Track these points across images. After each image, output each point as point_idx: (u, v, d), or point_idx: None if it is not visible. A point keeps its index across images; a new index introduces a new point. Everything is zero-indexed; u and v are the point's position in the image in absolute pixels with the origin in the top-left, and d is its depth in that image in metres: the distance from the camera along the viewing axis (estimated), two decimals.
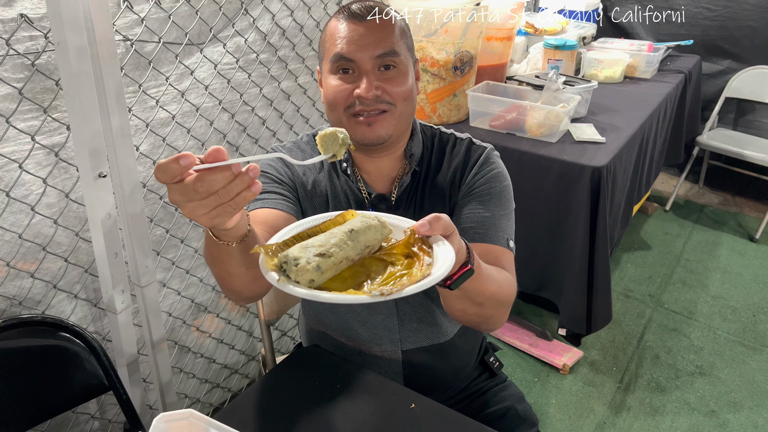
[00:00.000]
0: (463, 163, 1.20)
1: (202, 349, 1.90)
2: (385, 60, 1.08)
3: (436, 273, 0.78)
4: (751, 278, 2.91)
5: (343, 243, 0.81)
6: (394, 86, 1.09)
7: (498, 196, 1.17)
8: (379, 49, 1.07)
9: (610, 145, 2.14)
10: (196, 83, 1.61)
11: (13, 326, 1.19)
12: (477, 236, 1.13)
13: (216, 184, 0.70)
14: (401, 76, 1.10)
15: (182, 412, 0.89)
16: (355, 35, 1.07)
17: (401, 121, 1.13)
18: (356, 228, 0.84)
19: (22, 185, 1.29)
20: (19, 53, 1.22)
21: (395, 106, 1.10)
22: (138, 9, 1.41)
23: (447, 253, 0.82)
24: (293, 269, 0.77)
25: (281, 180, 1.18)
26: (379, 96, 1.07)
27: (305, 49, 1.93)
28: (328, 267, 0.78)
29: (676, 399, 2.19)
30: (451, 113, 2.30)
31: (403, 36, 1.12)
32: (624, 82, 2.91)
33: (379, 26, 1.08)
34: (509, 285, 1.10)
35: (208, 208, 0.72)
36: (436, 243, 0.85)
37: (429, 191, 1.20)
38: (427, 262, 0.81)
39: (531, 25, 2.90)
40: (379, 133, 1.10)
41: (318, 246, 0.79)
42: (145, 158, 1.53)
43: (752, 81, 3.32)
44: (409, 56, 1.13)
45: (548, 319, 2.54)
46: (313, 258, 0.77)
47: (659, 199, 3.66)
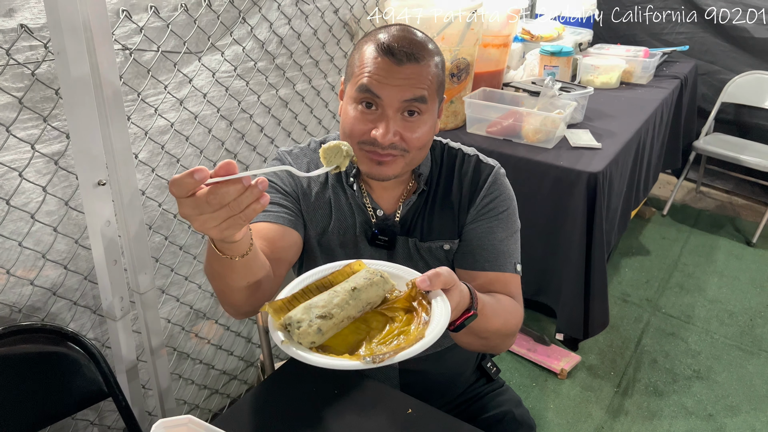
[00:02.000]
0: (472, 184, 1.20)
1: (201, 355, 1.91)
2: (412, 105, 1.05)
3: (430, 335, 0.83)
4: (748, 282, 2.92)
5: (344, 303, 0.87)
6: (413, 134, 1.06)
7: (505, 220, 1.19)
8: (409, 93, 1.04)
9: (607, 150, 2.15)
10: (194, 91, 1.62)
11: (13, 333, 1.20)
12: (487, 265, 1.16)
13: (228, 196, 0.73)
14: (422, 124, 1.07)
15: (181, 418, 0.90)
16: (387, 74, 1.03)
17: (411, 165, 1.12)
18: (359, 286, 0.89)
19: (22, 193, 1.30)
20: (20, 63, 1.23)
21: (409, 152, 1.08)
22: (137, 18, 1.42)
23: (443, 312, 0.86)
24: (296, 332, 0.83)
25: (285, 190, 1.18)
26: (395, 143, 1.05)
27: (303, 57, 1.95)
28: (329, 328, 0.84)
29: (674, 403, 2.20)
30: (449, 120, 2.31)
31: (436, 79, 1.08)
32: (620, 87, 2.93)
33: (415, 71, 1.04)
34: (515, 316, 1.15)
35: (219, 221, 0.75)
36: (435, 298, 0.90)
37: (437, 210, 1.20)
38: (425, 320, 0.86)
39: (527, 31, 2.92)
40: (386, 174, 1.09)
41: (321, 307, 0.85)
42: (144, 166, 1.54)
43: (748, 86, 3.34)
44: (437, 99, 1.11)
45: (546, 323, 2.55)
46: (315, 320, 0.83)
47: (656, 203, 3.67)
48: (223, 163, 0.73)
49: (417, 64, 1.04)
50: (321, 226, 1.21)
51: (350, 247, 1.21)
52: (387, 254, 1.21)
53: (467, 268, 1.19)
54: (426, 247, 1.20)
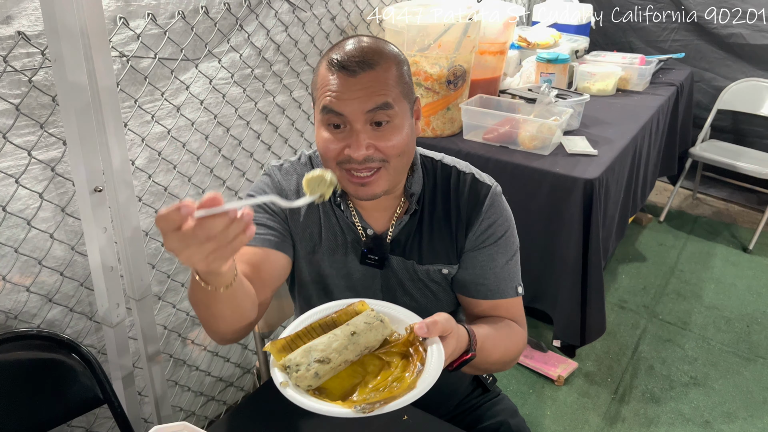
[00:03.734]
0: (469, 205, 1.16)
1: (197, 362, 1.90)
2: (377, 115, 1.00)
3: (420, 386, 0.86)
4: (745, 289, 2.93)
5: (343, 348, 0.89)
6: (387, 142, 1.02)
7: (505, 243, 1.17)
8: (370, 103, 0.99)
9: (603, 157, 2.16)
10: (191, 98, 1.63)
11: (8, 340, 1.20)
12: (489, 293, 1.16)
13: (214, 229, 0.73)
14: (395, 130, 1.02)
15: (177, 425, 0.90)
16: (345, 89, 0.99)
17: (396, 174, 1.08)
18: (358, 330, 0.92)
19: (18, 199, 1.31)
20: (17, 70, 1.24)
21: (389, 162, 1.04)
22: (134, 25, 1.43)
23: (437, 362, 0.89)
24: (294, 375, 0.87)
25: (271, 210, 1.16)
26: (370, 155, 1.01)
27: (300, 64, 1.96)
28: (326, 372, 0.88)
29: (671, 410, 2.20)
30: (445, 126, 2.32)
31: (399, 82, 1.03)
32: (616, 94, 2.94)
33: (372, 78, 1.00)
34: (516, 341, 1.16)
35: (205, 254, 0.75)
36: (432, 346, 0.91)
37: (433, 231, 1.17)
38: (419, 368, 0.89)
39: (524, 39, 2.93)
40: (373, 191, 1.05)
41: (320, 351, 0.88)
42: (140, 172, 1.54)
43: (744, 93, 3.36)
44: (405, 102, 1.05)
45: (543, 330, 2.55)
46: (313, 365, 0.87)
47: (653, 210, 3.68)
48: (208, 196, 0.73)
49: (372, 71, 1.00)
50: (310, 244, 1.18)
51: (340, 266, 1.19)
52: (380, 274, 1.19)
53: (469, 296, 1.19)
54: (424, 270, 1.17)
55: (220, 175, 1.79)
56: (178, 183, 1.66)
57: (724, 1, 3.32)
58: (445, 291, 1.22)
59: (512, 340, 1.15)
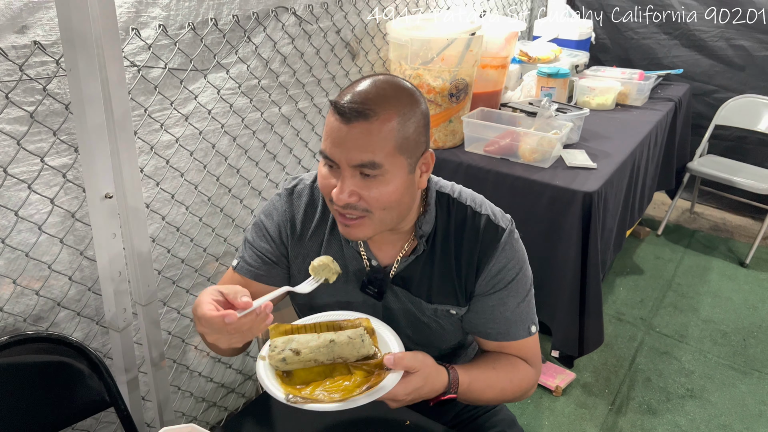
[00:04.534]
0: (480, 249, 1.12)
1: (200, 367, 1.92)
2: (363, 169, 0.98)
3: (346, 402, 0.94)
4: (741, 303, 2.95)
5: (317, 348, 1.00)
6: (372, 193, 0.99)
7: (516, 286, 1.14)
8: (356, 158, 0.96)
9: (602, 170, 2.19)
10: (199, 107, 1.66)
11: (18, 342, 1.22)
12: (499, 336, 1.16)
13: (243, 326, 0.88)
14: (381, 185, 0.99)
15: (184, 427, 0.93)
16: (338, 135, 0.97)
17: (383, 225, 1.04)
18: (338, 341, 1.01)
19: (29, 205, 1.33)
20: (32, 78, 1.27)
21: (372, 213, 1.01)
22: (145, 36, 1.46)
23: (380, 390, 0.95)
24: (270, 354, 1.01)
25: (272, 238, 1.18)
26: (351, 203, 0.99)
27: (305, 75, 1.99)
28: (293, 362, 1.00)
29: (668, 422, 2.22)
30: (447, 138, 2.35)
31: (397, 135, 0.98)
32: (616, 109, 2.97)
33: (363, 131, 0.96)
34: (519, 382, 1.16)
35: (230, 339, 0.90)
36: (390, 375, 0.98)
37: (442, 271, 1.14)
38: (365, 388, 0.96)
39: (525, 53, 2.97)
40: (355, 235, 1.04)
41: (297, 343, 1.01)
42: (149, 179, 1.57)
43: (741, 109, 3.39)
44: (402, 158, 1.00)
45: (541, 341, 2.55)
46: (286, 351, 0.99)
47: (651, 223, 3.71)
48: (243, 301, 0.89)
49: (366, 122, 0.96)
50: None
51: (341, 293, 1.18)
52: (381, 306, 1.17)
53: (478, 336, 1.19)
54: (432, 309, 1.16)
55: (226, 183, 1.82)
56: (185, 190, 1.69)
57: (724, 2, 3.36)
58: (452, 324, 1.20)
59: (513, 380, 1.14)
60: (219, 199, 1.82)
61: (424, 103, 1.05)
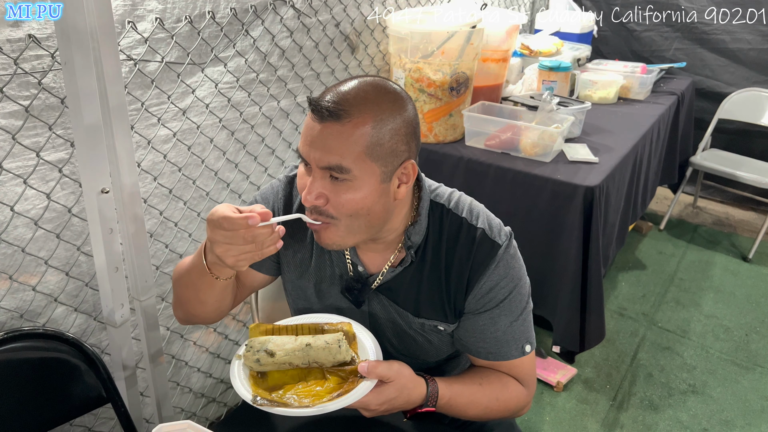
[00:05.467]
0: (473, 266, 1.07)
1: (199, 363, 1.92)
2: (332, 173, 0.95)
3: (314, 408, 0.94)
4: (744, 298, 2.94)
5: (293, 351, 1.00)
6: (339, 198, 0.95)
7: (509, 304, 1.08)
8: (324, 160, 0.93)
9: (603, 165, 2.18)
10: (197, 102, 1.64)
11: (14, 338, 1.21)
12: (490, 356, 1.11)
13: (259, 237, 0.88)
14: (350, 190, 0.95)
15: (181, 423, 0.92)
16: (311, 134, 0.95)
17: (351, 233, 1.00)
18: (314, 345, 1.00)
19: (25, 200, 1.32)
20: (27, 72, 1.25)
21: (339, 220, 0.97)
22: (141, 29, 1.44)
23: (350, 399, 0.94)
24: (246, 354, 1.00)
25: None
26: (318, 206, 0.97)
27: (304, 69, 1.97)
28: (267, 363, 0.99)
29: (669, 417, 2.21)
30: (447, 133, 2.34)
31: (370, 140, 0.93)
32: (618, 103, 2.95)
33: (335, 132, 0.92)
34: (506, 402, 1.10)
35: (240, 253, 0.89)
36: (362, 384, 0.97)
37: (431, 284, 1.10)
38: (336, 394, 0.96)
39: (526, 46, 2.95)
40: (325, 242, 1.01)
41: (274, 345, 1.00)
42: (146, 174, 1.56)
43: (744, 102, 3.37)
44: (373, 165, 0.95)
45: (542, 336, 2.56)
46: (261, 352, 0.99)
47: (653, 218, 3.69)
48: (263, 211, 0.88)
49: (337, 124, 0.92)
50: (299, 270, 1.18)
51: (326, 296, 1.17)
52: (368, 314, 1.15)
53: (467, 353, 1.16)
54: (419, 323, 1.13)
55: (224, 177, 1.81)
56: (183, 185, 1.68)
57: (724, 1, 3.34)
58: (441, 340, 1.17)
59: (500, 398, 1.10)
60: (218, 194, 1.81)
61: (411, 111, 1.00)
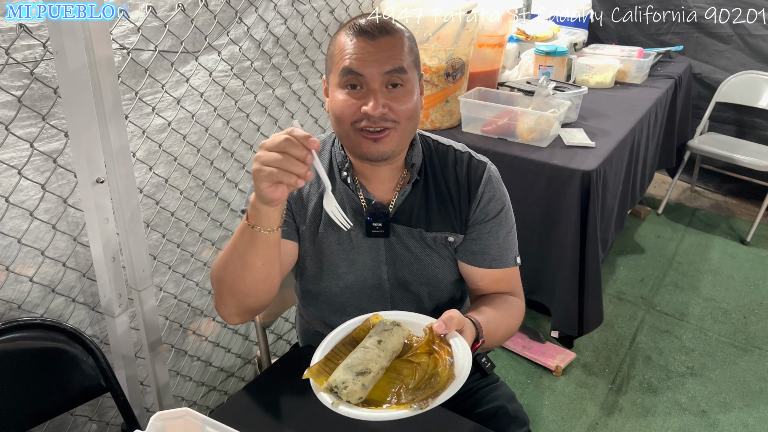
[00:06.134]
0: (468, 180, 1.24)
1: (199, 352, 1.92)
2: (393, 77, 1.09)
3: (460, 375, 0.93)
4: (742, 280, 2.95)
5: (376, 356, 0.96)
6: (400, 104, 1.10)
7: (504, 216, 1.26)
8: (388, 65, 1.08)
9: (601, 149, 2.17)
10: (191, 90, 1.63)
11: (12, 329, 1.21)
12: (493, 262, 1.25)
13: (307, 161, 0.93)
14: (407, 94, 1.11)
15: (178, 411, 0.92)
16: (365, 51, 1.09)
17: (404, 137, 1.15)
18: (383, 338, 0.99)
19: (20, 191, 1.32)
20: (18, 62, 1.25)
21: (399, 123, 1.11)
22: (134, 18, 1.43)
23: (465, 352, 0.97)
24: (344, 392, 0.91)
25: None
26: (385, 114, 1.09)
27: (299, 57, 1.96)
28: (370, 382, 0.93)
29: (668, 399, 2.22)
30: (444, 119, 2.33)
31: (411, 53, 1.13)
32: (615, 87, 2.95)
33: (389, 43, 1.10)
34: (516, 315, 1.27)
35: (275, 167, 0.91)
36: (453, 339, 1.00)
37: (436, 201, 1.24)
38: (449, 361, 0.97)
39: (522, 31, 2.94)
40: (383, 150, 1.12)
41: (358, 365, 0.94)
42: (141, 164, 1.56)
43: (742, 85, 3.36)
44: (415, 72, 1.15)
45: (541, 321, 2.57)
46: (357, 378, 0.92)
47: (651, 202, 3.69)
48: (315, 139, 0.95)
49: (390, 37, 1.10)
50: (315, 223, 1.23)
51: (345, 241, 1.23)
52: (384, 245, 1.23)
53: (475, 265, 1.26)
54: (432, 237, 1.23)
55: (220, 167, 1.80)
56: (179, 175, 1.67)
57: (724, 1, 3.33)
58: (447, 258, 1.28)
59: (513, 315, 1.25)
60: (214, 183, 1.80)
61: None
